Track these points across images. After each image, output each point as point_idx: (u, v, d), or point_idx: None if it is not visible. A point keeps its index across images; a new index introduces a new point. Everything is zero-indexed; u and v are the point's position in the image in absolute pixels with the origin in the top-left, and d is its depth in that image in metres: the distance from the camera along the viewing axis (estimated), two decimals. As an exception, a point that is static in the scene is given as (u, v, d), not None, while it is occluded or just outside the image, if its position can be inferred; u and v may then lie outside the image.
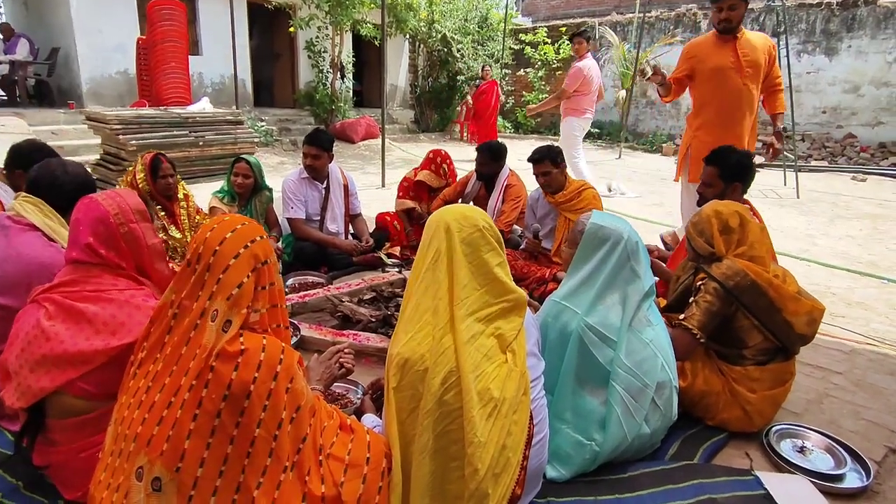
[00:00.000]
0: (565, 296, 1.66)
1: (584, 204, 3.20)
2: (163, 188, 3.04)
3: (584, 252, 1.67)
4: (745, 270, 1.90)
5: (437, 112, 13.61)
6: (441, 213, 1.38)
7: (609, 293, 1.62)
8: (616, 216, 1.73)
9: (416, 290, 1.34)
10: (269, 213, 3.60)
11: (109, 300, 1.46)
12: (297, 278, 3.27)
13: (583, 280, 1.65)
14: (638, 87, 12.78)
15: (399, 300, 2.85)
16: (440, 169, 4.05)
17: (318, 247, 3.49)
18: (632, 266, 1.64)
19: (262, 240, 1.24)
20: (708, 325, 1.92)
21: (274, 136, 9.45)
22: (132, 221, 1.53)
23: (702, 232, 2.02)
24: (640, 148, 12.36)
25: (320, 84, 10.92)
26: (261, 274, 1.21)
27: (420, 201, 4.11)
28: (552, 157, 3.23)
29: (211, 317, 1.18)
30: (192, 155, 6.61)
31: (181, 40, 7.80)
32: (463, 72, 12.78)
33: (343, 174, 3.78)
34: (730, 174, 2.51)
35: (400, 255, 3.81)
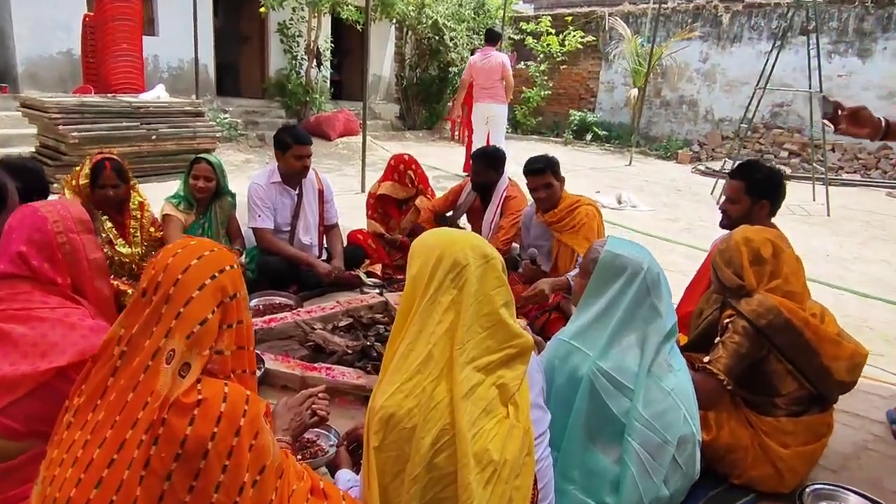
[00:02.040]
0: (575, 335, 1.63)
1: (578, 223, 3.17)
2: (99, 200, 2.93)
3: (598, 284, 1.65)
4: (778, 307, 1.89)
5: (426, 107, 13.64)
6: (443, 240, 1.34)
7: (625, 333, 1.60)
8: (635, 243, 1.71)
9: (408, 331, 1.30)
10: (231, 221, 3.55)
11: (40, 319, 1.43)
12: (261, 299, 3.23)
13: (596, 317, 1.63)
14: (652, 86, 12.95)
15: (380, 328, 2.82)
16: (405, 177, 3.99)
17: (287, 263, 3.45)
18: (652, 302, 1.62)
19: (233, 270, 1.21)
20: (735, 369, 1.91)
21: (239, 130, 9.40)
22: (72, 231, 1.51)
23: (730, 262, 2.02)
24: (653, 154, 12.48)
25: (293, 72, 10.88)
26: (228, 310, 1.18)
27: (389, 218, 4.09)
28: (554, 169, 3.22)
29: (166, 358, 1.13)
30: (144, 150, 6.55)
31: (135, 18, 7.73)
32: (456, 63, 12.83)
33: (319, 178, 3.76)
34: (758, 190, 2.52)
35: (381, 275, 3.78)
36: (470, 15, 13.05)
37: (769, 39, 11.48)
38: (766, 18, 11.87)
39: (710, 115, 12.69)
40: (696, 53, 12.64)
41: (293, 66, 10.91)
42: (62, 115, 6.00)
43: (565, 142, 13.66)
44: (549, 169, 3.20)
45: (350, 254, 3.76)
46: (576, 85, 14.61)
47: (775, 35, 10.58)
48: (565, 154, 11.92)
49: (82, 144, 5.93)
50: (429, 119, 13.68)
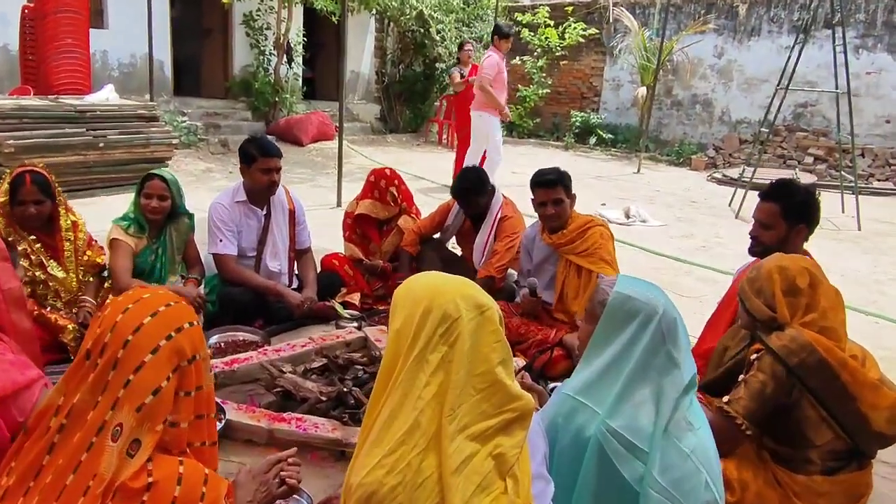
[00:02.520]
0: (582, 389, 1.61)
1: (590, 245, 3.19)
2: (19, 218, 2.87)
3: (606, 330, 1.63)
4: (812, 344, 1.88)
5: (410, 108, 13.71)
6: (431, 288, 1.33)
7: (638, 387, 1.57)
8: (648, 282, 1.69)
9: (391, 395, 1.27)
10: (188, 246, 3.52)
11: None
12: (223, 336, 3.22)
13: (604, 368, 1.60)
14: (662, 84, 13.08)
15: (359, 370, 2.79)
16: (386, 194, 4.00)
17: (252, 293, 3.42)
18: (668, 350, 1.60)
19: (192, 328, 1.20)
20: (757, 412, 1.89)
21: (199, 136, 9.40)
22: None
23: (760, 291, 2.01)
24: (664, 160, 12.59)
25: (261, 69, 10.91)
26: (185, 375, 1.16)
27: (368, 241, 4.09)
28: (566, 183, 3.24)
29: (112, 434, 1.11)
30: (90, 159, 6.53)
31: (80, 10, 7.69)
32: (443, 58, 12.92)
33: (290, 196, 3.75)
34: (795, 214, 2.52)
35: (360, 306, 3.76)
36: (459, 5, 13.17)
37: (790, 33, 11.66)
38: (786, 10, 12.05)
39: (726, 116, 12.83)
40: (711, 48, 12.80)
41: (260, 63, 10.94)
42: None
43: (566, 146, 13.75)
44: (561, 182, 3.22)
45: (324, 282, 3.74)
46: (577, 83, 14.74)
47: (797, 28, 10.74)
48: (566, 160, 11.98)
49: (19, 154, 5.86)
50: (413, 121, 13.75)
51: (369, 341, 3.14)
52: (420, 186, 7.82)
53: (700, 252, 5.92)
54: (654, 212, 7.53)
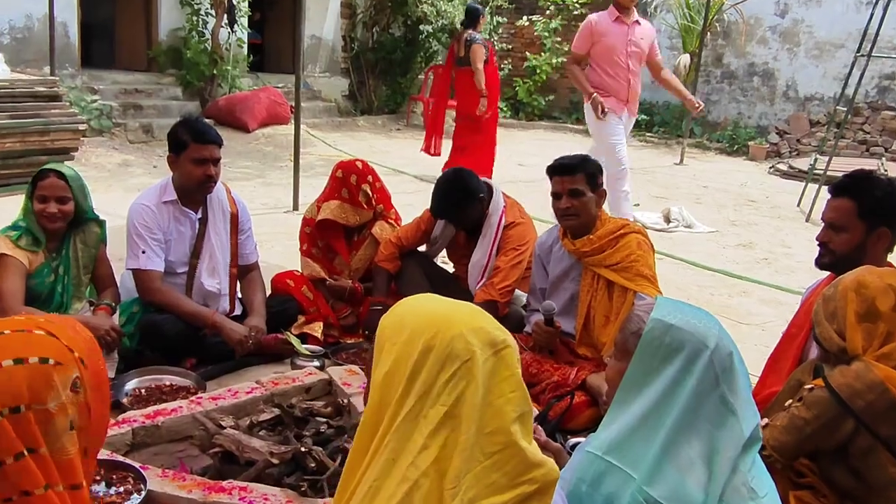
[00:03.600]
0: (612, 446, 1.60)
1: (625, 257, 3.20)
2: None
3: (643, 370, 1.63)
4: (885, 383, 1.90)
5: (387, 82, 13.76)
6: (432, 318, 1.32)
7: (685, 443, 1.57)
8: (695, 307, 1.69)
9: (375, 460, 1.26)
10: (98, 262, 3.54)
11: None
12: (144, 379, 3.24)
13: (640, 419, 1.60)
14: (710, 51, 13.18)
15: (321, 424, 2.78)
16: (358, 194, 4.01)
17: (183, 323, 3.43)
18: (722, 395, 1.59)
19: (20, 367, 1.16)
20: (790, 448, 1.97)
21: (114, 119, 9.47)
22: None
23: (833, 314, 2.04)
24: (714, 147, 12.68)
25: (194, 33, 10.97)
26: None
27: (334, 254, 4.11)
28: (590, 171, 3.28)
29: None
30: (-28, 151, 6.53)
31: (-40, -42, 7.74)
32: (430, 17, 12.98)
33: (231, 197, 3.78)
34: (874, 214, 2.54)
35: (322, 339, 3.78)
36: (449, -49, 13.23)
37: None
38: (867, -45, 12.20)
39: (792, 90, 12.94)
40: (771, 5, 12.93)
41: (193, 25, 10.98)
42: None
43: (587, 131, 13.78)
44: (584, 170, 3.25)
45: (276, 308, 3.76)
46: (602, 49, 14.84)
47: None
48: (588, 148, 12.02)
49: None
50: (391, 99, 13.82)
51: (335, 385, 3.12)
52: (400, 183, 7.82)
53: (761, 266, 5.95)
54: (702, 214, 7.55)
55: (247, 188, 7.16)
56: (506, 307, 3.72)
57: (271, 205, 6.82)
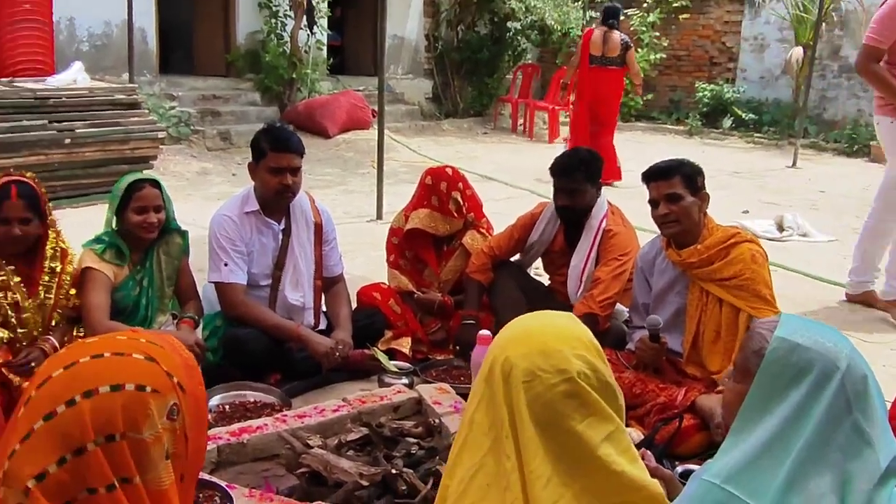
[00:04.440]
0: (731, 475, 1.56)
1: (737, 271, 3.14)
2: (1, 238, 3.04)
3: (766, 393, 1.58)
4: None
5: (473, 83, 13.82)
6: (507, 342, 1.34)
7: (814, 474, 1.52)
8: (823, 325, 1.64)
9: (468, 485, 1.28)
10: (181, 275, 3.61)
11: None
12: (227, 395, 3.28)
13: (763, 446, 1.55)
14: (825, 43, 12.81)
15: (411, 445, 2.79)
16: (448, 202, 4.02)
17: (267, 338, 3.47)
18: (855, 421, 1.54)
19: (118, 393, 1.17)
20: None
21: (192, 126, 9.70)
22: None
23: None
24: (830, 148, 12.31)
25: (273, 36, 11.22)
26: (90, 464, 1.14)
27: (423, 265, 4.13)
28: (687, 173, 3.23)
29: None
30: (54, 160, 6.79)
31: (43, -32, 8.11)
32: (518, 15, 13.00)
33: (315, 206, 3.83)
34: None
35: (411, 355, 3.79)
36: (540, -57, 13.24)
37: None
38: None
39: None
40: None
41: (272, 28, 11.24)
42: (-62, 113, 6.30)
43: (690, 131, 13.61)
44: (680, 172, 3.22)
45: (362, 322, 3.79)
46: (704, 43, 14.62)
47: None
48: (692, 151, 11.81)
49: (-36, 155, 6.19)
50: (477, 100, 13.86)
51: (425, 404, 3.14)
52: (490, 190, 7.81)
53: (890, 279, 5.72)
54: (819, 222, 7.34)
55: (328, 196, 7.24)
56: (606, 321, 3.66)
57: (354, 213, 6.89)
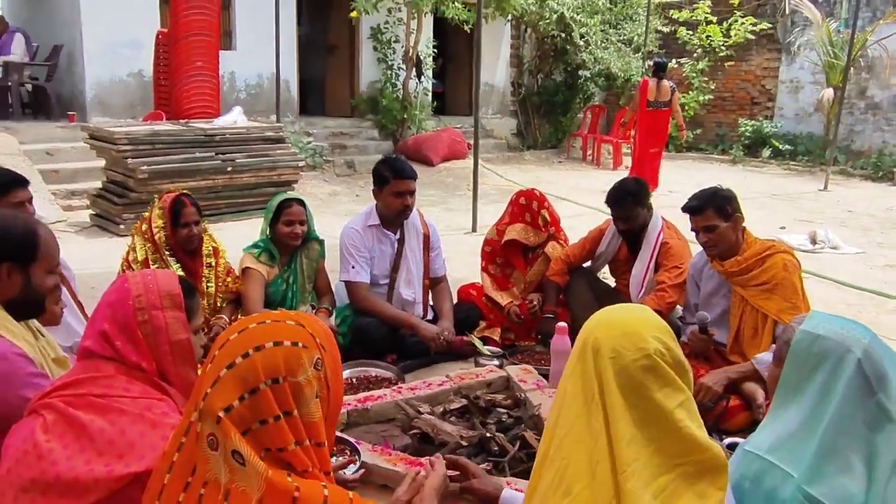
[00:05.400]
0: (771, 445, 1.53)
1: (771, 278, 3.05)
2: (184, 240, 3.25)
3: (795, 376, 1.55)
4: None
5: (550, 121, 13.78)
6: (593, 327, 1.34)
7: (842, 445, 1.47)
8: (846, 319, 1.59)
9: (561, 444, 1.28)
10: (319, 274, 3.72)
11: (120, 411, 1.52)
12: (355, 371, 3.33)
13: (798, 422, 1.52)
14: (853, 84, 12.27)
15: (501, 414, 2.80)
16: (538, 218, 3.98)
17: (385, 326, 3.53)
18: (879, 401, 1.49)
19: (279, 348, 1.24)
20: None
21: (324, 157, 9.92)
22: (156, 308, 1.61)
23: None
24: (858, 174, 11.77)
25: (388, 84, 11.42)
26: (262, 400, 1.21)
27: (512, 269, 4.09)
28: (718, 205, 3.12)
29: (209, 443, 1.21)
30: (219, 184, 7.07)
31: (211, 33, 8.47)
32: (587, 65, 12.89)
33: (423, 221, 3.88)
34: None
35: (501, 341, 3.79)
36: (605, 5, 13.10)
37: None
38: None
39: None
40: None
41: (388, 78, 11.44)
42: (131, 148, 6.62)
43: (734, 160, 13.21)
44: (711, 205, 3.12)
45: (462, 314, 3.79)
46: (746, 86, 14.16)
47: None
48: (735, 176, 11.49)
49: (152, 179, 6.50)
50: (553, 135, 13.80)
51: (512, 381, 3.13)
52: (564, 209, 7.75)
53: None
54: (848, 237, 7.02)
55: (432, 213, 7.25)
56: (666, 317, 3.62)
57: (453, 227, 6.91)
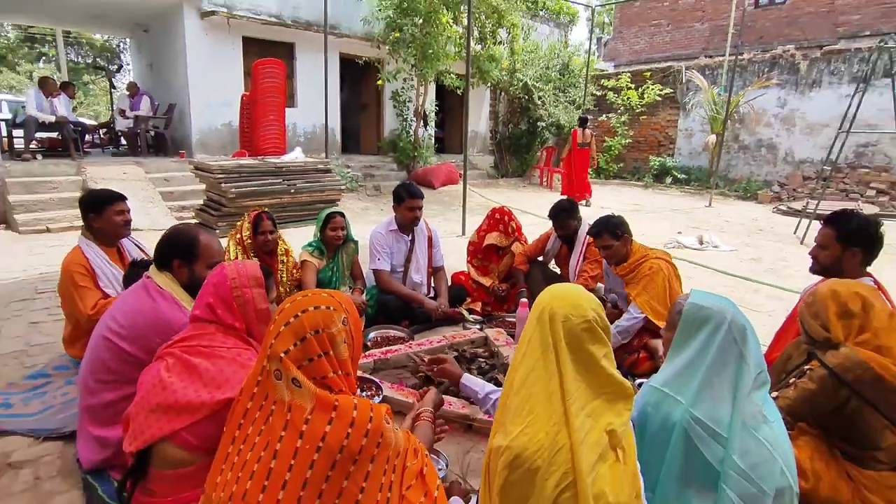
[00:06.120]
0: (666, 382, 1.54)
1: (640, 275, 3.00)
2: (260, 243, 3.23)
3: (683, 336, 1.55)
4: (867, 362, 1.71)
5: (517, 158, 13.74)
6: (549, 300, 1.34)
7: (716, 382, 1.48)
8: (718, 295, 1.60)
9: (525, 379, 1.29)
10: (354, 264, 3.71)
11: (220, 356, 1.57)
12: (379, 332, 3.32)
13: (685, 366, 1.52)
14: (730, 132, 12.26)
15: (481, 361, 2.81)
16: (508, 227, 3.98)
17: (401, 301, 3.52)
18: (740, 352, 1.50)
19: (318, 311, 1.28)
20: (799, 412, 1.82)
21: (359, 182, 9.89)
22: (246, 286, 1.66)
23: (816, 315, 1.86)
24: (733, 195, 11.74)
25: (404, 132, 11.38)
26: (309, 345, 1.25)
27: (489, 262, 4.06)
28: (611, 230, 3.07)
29: (275, 375, 1.25)
30: (285, 202, 7.03)
31: (280, 95, 8.45)
32: (543, 118, 12.88)
33: (428, 226, 3.85)
34: (848, 238, 2.29)
35: (481, 311, 3.78)
36: (556, 76, 13.09)
37: (851, 83, 10.56)
38: (846, 63, 10.94)
39: (790, 157, 11.77)
40: (774, 100, 11.85)
41: (404, 127, 11.42)
42: (224, 175, 6.61)
43: (645, 185, 13.20)
44: (606, 232, 3.07)
45: (454, 293, 3.79)
46: (655, 133, 14.16)
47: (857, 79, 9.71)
48: (646, 196, 11.47)
49: (238, 198, 6.48)
50: (519, 167, 13.78)
51: (489, 339, 3.16)
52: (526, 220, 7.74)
53: (768, 273, 5.43)
54: (725, 239, 7.01)
55: (434, 221, 7.26)
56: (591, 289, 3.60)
57: (449, 232, 6.91)
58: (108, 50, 21.57)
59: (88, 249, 2.61)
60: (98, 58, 21.28)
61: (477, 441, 2.29)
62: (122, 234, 2.71)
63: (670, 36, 16.14)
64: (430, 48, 9.63)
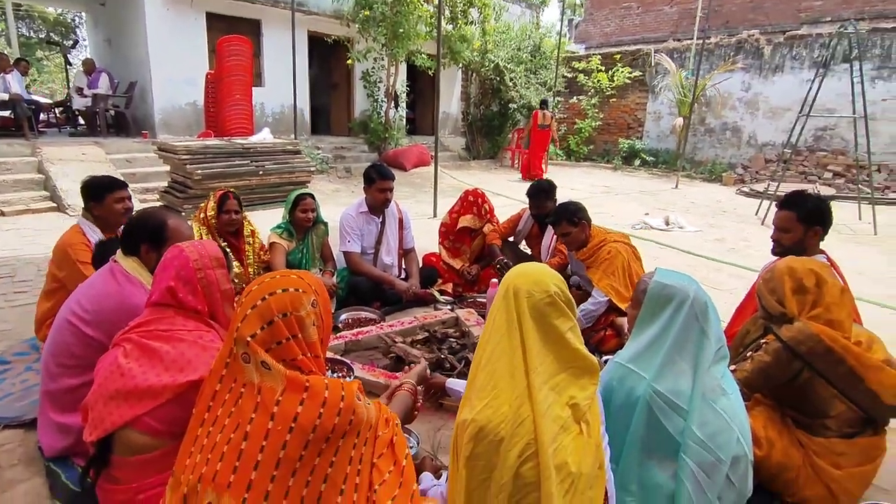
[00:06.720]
0: (631, 358, 1.58)
1: (600, 259, 3.04)
2: (224, 222, 3.17)
3: (648, 313, 1.60)
4: (818, 335, 1.79)
5: (489, 140, 13.72)
6: (514, 277, 1.35)
7: (678, 357, 1.53)
8: (681, 273, 1.65)
9: (491, 355, 1.31)
10: (324, 246, 3.66)
11: (180, 339, 1.53)
12: (350, 314, 3.30)
13: (649, 342, 1.57)
14: (696, 115, 12.48)
15: (452, 342, 2.83)
16: (481, 210, 3.97)
17: (372, 282, 3.50)
18: (701, 327, 1.55)
19: (286, 293, 1.26)
20: (755, 383, 1.88)
21: (329, 164, 9.73)
22: (209, 268, 1.62)
23: (773, 290, 1.93)
24: (699, 177, 12.00)
25: (375, 113, 11.22)
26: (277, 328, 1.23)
27: (461, 244, 4.05)
28: (569, 217, 3.09)
29: (243, 358, 1.23)
30: (253, 183, 6.88)
31: (246, 74, 8.21)
32: (515, 100, 12.86)
33: (398, 208, 3.81)
34: (809, 218, 2.37)
35: (452, 292, 3.78)
36: (527, 57, 13.05)
37: (811, 68, 10.85)
38: (807, 49, 11.22)
39: (753, 140, 12.08)
40: (739, 84, 12.10)
41: (375, 108, 11.26)
42: (189, 157, 6.43)
43: (615, 167, 13.37)
44: (564, 219, 3.09)
45: (425, 274, 3.79)
46: (624, 115, 14.32)
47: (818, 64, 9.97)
48: (615, 178, 11.63)
49: (204, 180, 6.32)
50: (491, 149, 13.77)
51: (460, 320, 3.18)
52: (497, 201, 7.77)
53: (730, 253, 5.60)
54: (690, 220, 7.19)
55: (405, 203, 7.11)
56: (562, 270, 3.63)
57: (420, 213, 6.87)
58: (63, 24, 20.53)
59: (90, 231, 2.59)
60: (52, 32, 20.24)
61: (447, 419, 2.32)
62: (122, 221, 2.64)
63: (640, 19, 16.24)
64: (400, 27, 9.47)
